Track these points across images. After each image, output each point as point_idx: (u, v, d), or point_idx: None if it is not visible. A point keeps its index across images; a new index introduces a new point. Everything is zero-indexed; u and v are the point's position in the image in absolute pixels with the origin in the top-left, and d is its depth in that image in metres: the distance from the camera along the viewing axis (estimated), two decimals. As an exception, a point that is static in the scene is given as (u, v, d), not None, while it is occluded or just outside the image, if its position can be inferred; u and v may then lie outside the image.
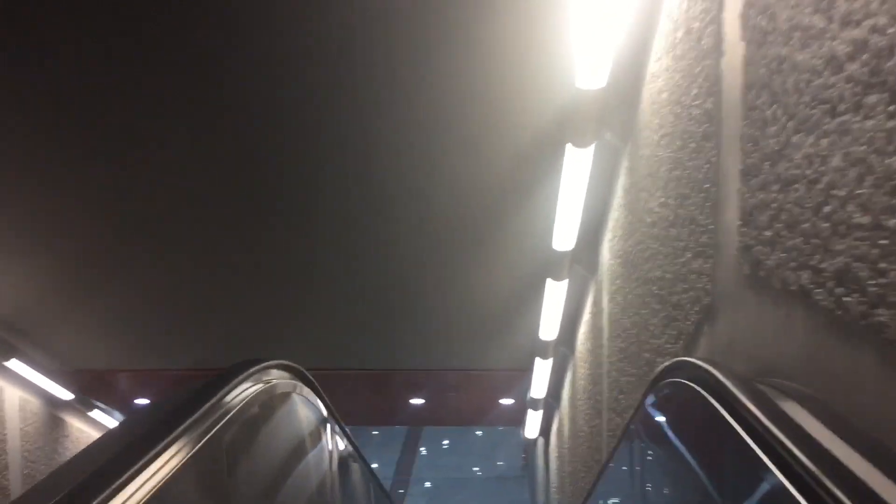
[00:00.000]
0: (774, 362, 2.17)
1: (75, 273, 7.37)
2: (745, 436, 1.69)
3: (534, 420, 10.88)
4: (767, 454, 1.54)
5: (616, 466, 4.30)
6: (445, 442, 22.13)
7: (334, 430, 4.58)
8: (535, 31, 4.17)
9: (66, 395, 9.58)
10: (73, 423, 10.40)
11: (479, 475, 21.34)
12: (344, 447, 5.05)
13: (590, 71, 3.96)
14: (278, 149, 5.48)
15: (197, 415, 2.37)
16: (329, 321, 8.56)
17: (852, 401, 1.70)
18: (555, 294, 6.85)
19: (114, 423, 10.99)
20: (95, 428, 10.90)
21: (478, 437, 19.53)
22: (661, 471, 2.99)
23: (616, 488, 4.28)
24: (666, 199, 3.58)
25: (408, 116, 5.12)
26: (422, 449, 22.59)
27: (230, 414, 2.55)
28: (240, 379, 2.65)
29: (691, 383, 2.34)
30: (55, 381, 9.28)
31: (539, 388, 9.50)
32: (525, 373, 9.76)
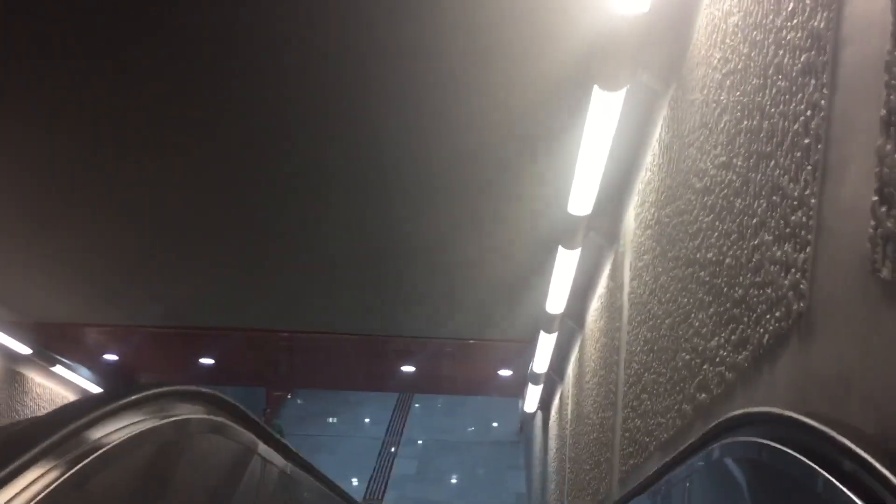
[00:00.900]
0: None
1: (32, 222, 6.51)
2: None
3: (534, 394, 10.10)
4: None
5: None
6: (440, 404, 21.44)
7: (271, 466, 3.68)
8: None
9: (23, 348, 8.76)
10: (34, 378, 9.62)
11: (474, 438, 20.66)
12: (291, 482, 4.16)
13: (631, -14, 3.04)
14: (269, 97, 4.60)
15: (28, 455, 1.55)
16: (318, 283, 7.71)
17: None
18: (566, 263, 5.98)
19: (78, 378, 10.22)
20: (59, 383, 10.12)
21: (474, 399, 18.80)
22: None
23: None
24: (730, 158, 2.68)
25: (404, 46, 4.19)
26: (416, 404, 21.94)
27: (88, 459, 1.68)
28: (112, 409, 1.78)
29: (793, 451, 1.50)
30: (10, 333, 8.47)
31: (541, 363, 8.68)
32: (527, 345, 8.94)
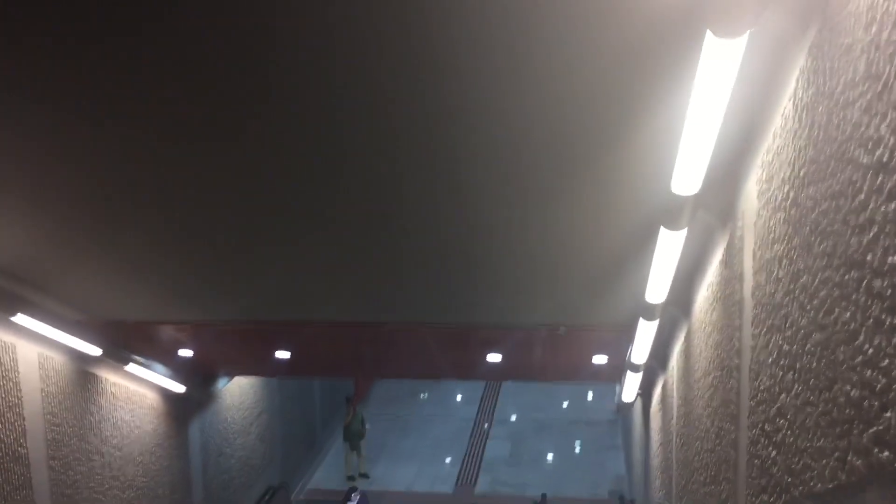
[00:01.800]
0: None
1: (106, 222, 6.03)
2: None
3: (632, 382, 9.23)
4: None
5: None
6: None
7: None
8: None
9: (93, 349, 8.39)
10: (108, 378, 9.28)
11: (569, 417, 19.84)
12: None
13: None
14: (352, 84, 3.93)
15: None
16: (401, 275, 7.03)
17: None
18: (669, 247, 5.10)
19: (154, 375, 9.85)
20: (134, 382, 9.78)
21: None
22: None
23: None
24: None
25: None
26: (508, 381, 21.20)
27: None
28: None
29: None
30: (80, 335, 8.09)
31: (640, 352, 7.81)
32: (623, 332, 8.08)
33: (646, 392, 9.86)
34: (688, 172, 4.00)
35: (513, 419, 20.06)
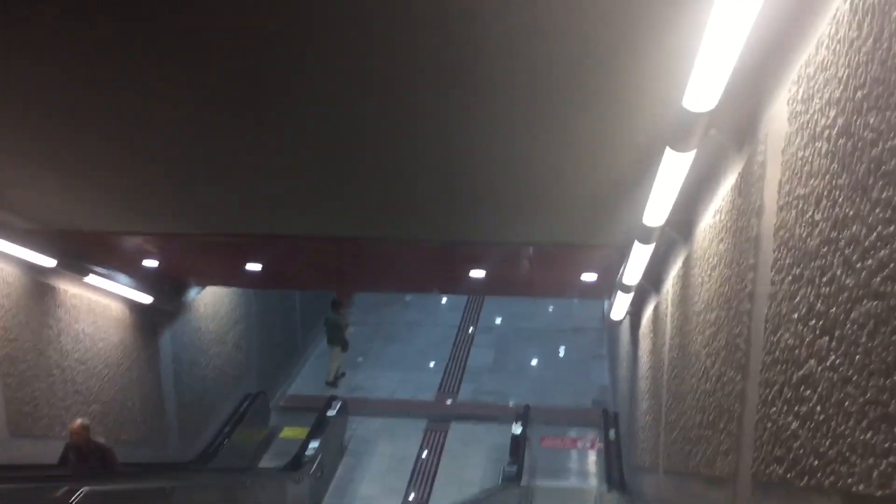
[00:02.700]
0: None
1: (45, 126, 5.34)
2: None
3: (622, 302, 8.75)
4: None
5: None
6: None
7: None
8: None
9: (47, 261, 7.80)
10: (68, 290, 8.74)
11: (554, 325, 19.54)
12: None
13: None
14: None
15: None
16: (386, 188, 6.41)
17: None
18: (674, 169, 4.51)
19: (118, 287, 9.31)
20: (96, 293, 9.25)
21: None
22: None
23: None
24: None
25: None
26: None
27: None
28: None
29: None
30: (31, 245, 7.48)
31: (633, 274, 7.30)
32: (616, 251, 7.56)
33: (635, 311, 9.41)
34: (704, 84, 3.36)
35: (497, 326, 19.76)
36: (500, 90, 4.31)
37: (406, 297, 20.90)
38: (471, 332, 19.40)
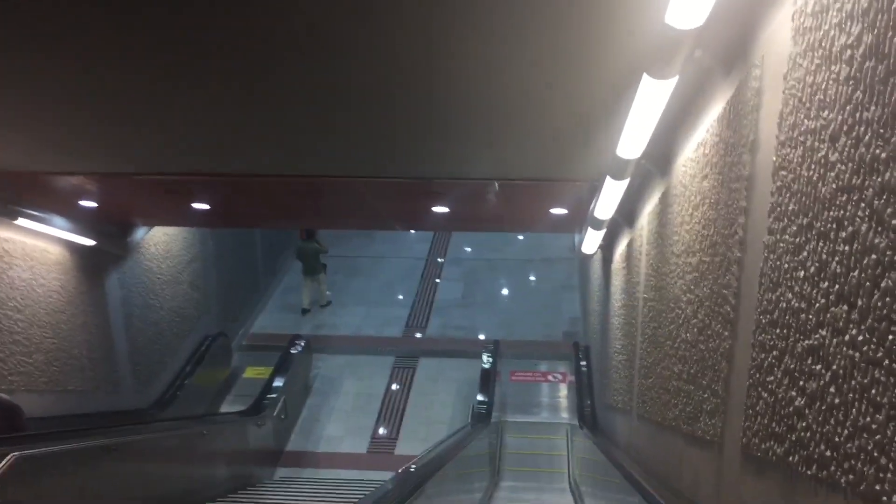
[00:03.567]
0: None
1: None
2: None
3: (594, 236, 8.29)
4: None
5: None
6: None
7: None
8: None
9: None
10: (-2, 235, 8.10)
11: (524, 255, 19.10)
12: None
13: None
14: None
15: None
16: (339, 122, 5.79)
17: None
18: (653, 96, 3.99)
19: (54, 230, 8.66)
20: (31, 237, 8.60)
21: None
22: None
23: None
24: None
25: None
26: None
27: None
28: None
29: None
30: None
31: (605, 209, 6.82)
32: (587, 185, 7.08)
33: (608, 245, 8.97)
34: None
35: (466, 258, 19.32)
36: (461, 5, 3.72)
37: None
38: (440, 264, 18.96)
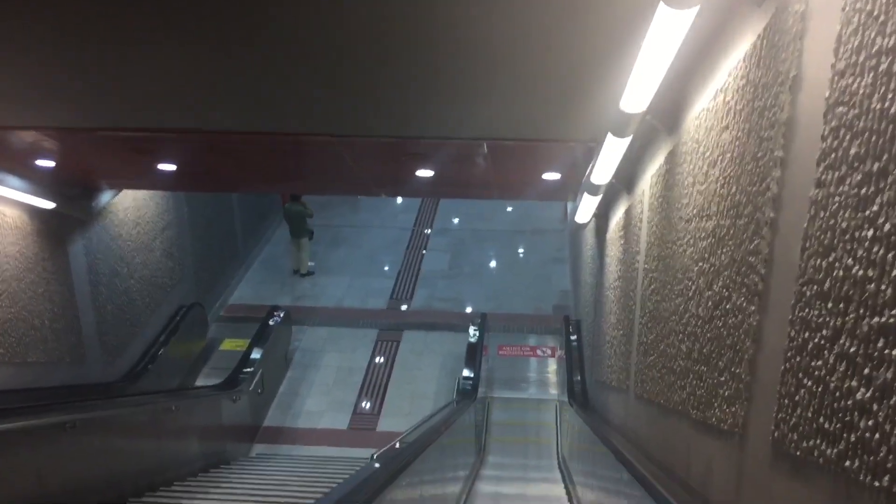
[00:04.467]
0: None
1: None
2: None
3: (589, 203, 7.74)
4: None
5: None
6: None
7: None
8: None
9: None
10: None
11: (512, 227, 18.58)
12: None
13: None
14: None
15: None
16: (317, 76, 5.21)
17: None
18: (669, 31, 3.43)
19: (7, 190, 8.04)
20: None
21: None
22: None
23: None
24: None
25: None
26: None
27: None
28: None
29: None
30: None
31: (603, 172, 6.28)
32: (584, 146, 6.53)
33: (602, 214, 8.45)
34: None
35: (453, 228, 18.79)
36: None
37: (357, 197, 19.80)
38: (426, 234, 18.42)
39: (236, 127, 6.75)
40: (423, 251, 17.63)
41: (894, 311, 1.85)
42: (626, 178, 6.64)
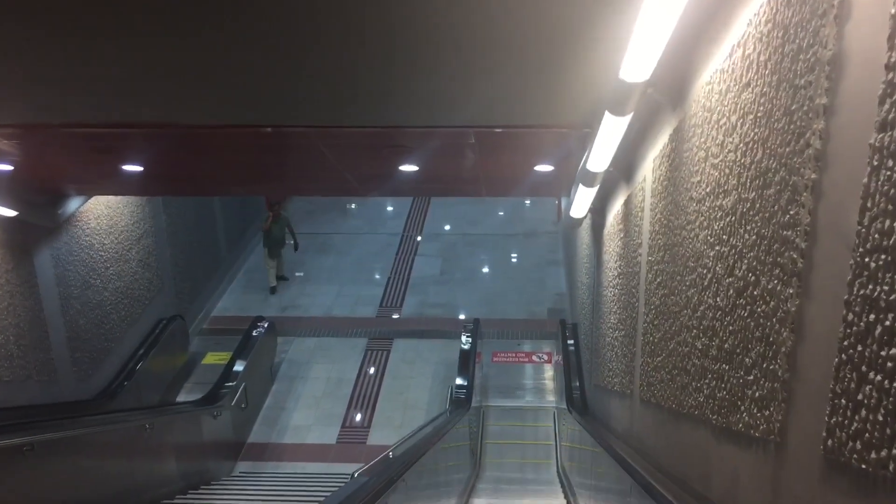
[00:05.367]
0: None
1: None
2: None
3: (585, 195, 7.25)
4: None
5: None
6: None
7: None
8: None
9: None
10: None
11: (505, 230, 18.10)
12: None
13: None
14: None
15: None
16: (291, 63, 4.72)
17: None
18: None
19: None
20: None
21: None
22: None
23: None
24: None
25: None
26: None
27: None
28: None
29: None
30: None
31: (601, 158, 5.79)
32: (578, 132, 6.05)
33: (598, 209, 7.97)
34: None
35: (444, 233, 18.29)
36: None
37: (350, 205, 19.33)
38: (416, 240, 17.92)
39: (206, 120, 6.25)
40: (414, 257, 17.13)
41: None
42: (624, 166, 6.17)
